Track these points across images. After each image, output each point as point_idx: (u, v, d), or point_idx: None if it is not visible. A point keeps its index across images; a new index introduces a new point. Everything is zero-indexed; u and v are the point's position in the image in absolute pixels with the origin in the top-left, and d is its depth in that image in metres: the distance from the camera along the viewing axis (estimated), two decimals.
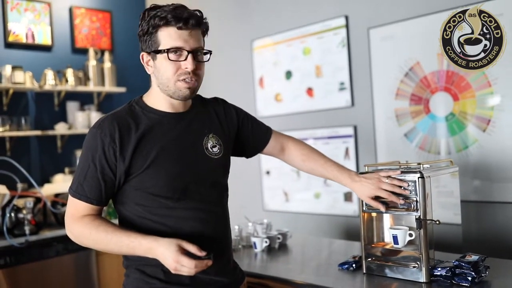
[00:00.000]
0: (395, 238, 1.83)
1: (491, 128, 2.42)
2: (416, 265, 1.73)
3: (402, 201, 1.72)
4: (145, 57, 1.49)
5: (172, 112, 1.53)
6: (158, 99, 1.52)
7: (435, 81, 2.61)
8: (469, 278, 1.65)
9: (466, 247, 2.13)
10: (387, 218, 1.93)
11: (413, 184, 1.74)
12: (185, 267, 1.31)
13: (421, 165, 1.79)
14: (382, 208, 1.72)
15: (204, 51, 1.49)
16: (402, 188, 1.71)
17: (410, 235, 1.82)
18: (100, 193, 1.44)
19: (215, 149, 1.58)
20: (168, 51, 1.42)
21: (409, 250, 1.78)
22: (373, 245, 1.90)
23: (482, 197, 2.46)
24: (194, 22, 1.43)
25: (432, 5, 2.59)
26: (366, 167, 1.94)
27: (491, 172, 2.43)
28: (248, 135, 1.78)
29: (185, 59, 1.43)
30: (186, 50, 1.43)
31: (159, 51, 1.43)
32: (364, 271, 1.88)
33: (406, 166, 1.88)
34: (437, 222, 1.72)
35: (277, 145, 1.86)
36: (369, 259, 1.87)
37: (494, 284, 1.68)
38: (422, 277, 1.72)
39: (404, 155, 2.70)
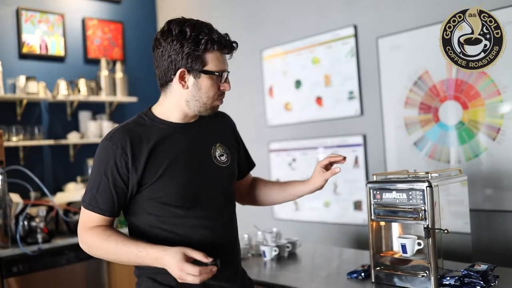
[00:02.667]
0: (403, 247, 1.84)
1: (501, 137, 2.42)
2: (425, 274, 1.73)
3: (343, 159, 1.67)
4: (182, 73, 1.49)
5: (182, 122, 1.56)
6: (171, 111, 1.55)
7: (444, 90, 2.61)
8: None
9: (475, 256, 2.12)
10: (395, 227, 1.94)
11: (421, 193, 1.74)
12: (190, 275, 1.32)
13: (429, 174, 1.80)
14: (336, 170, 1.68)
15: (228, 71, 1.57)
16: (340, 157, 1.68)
17: (419, 244, 1.82)
18: (112, 204, 1.47)
19: (223, 158, 1.61)
20: (220, 74, 1.50)
21: (418, 259, 1.78)
22: (382, 254, 1.90)
23: (492, 206, 2.45)
24: (235, 49, 1.55)
25: (440, 14, 2.59)
26: (375, 176, 1.94)
27: (501, 180, 2.42)
28: (240, 158, 1.79)
29: (225, 81, 1.53)
30: (227, 73, 1.53)
31: (209, 72, 1.48)
32: (373, 280, 1.88)
33: (414, 175, 1.88)
34: (446, 231, 1.72)
35: (250, 178, 1.90)
36: (378, 268, 1.87)
37: None
38: (430, 286, 1.71)
39: (414, 164, 2.70)
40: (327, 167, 1.71)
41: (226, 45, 1.50)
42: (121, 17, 4.32)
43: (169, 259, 1.34)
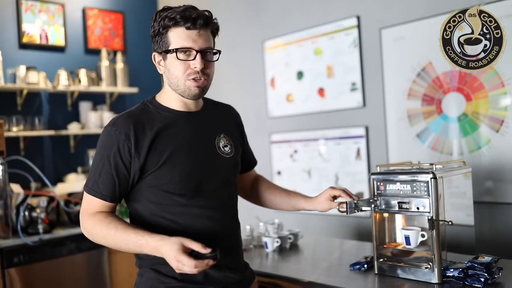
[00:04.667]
0: (407, 239, 1.83)
1: (504, 129, 2.41)
2: (429, 266, 1.72)
3: (356, 197, 1.70)
4: (156, 57, 1.52)
5: (185, 111, 1.55)
6: (171, 98, 1.54)
7: (448, 82, 2.60)
8: (482, 280, 1.64)
9: (479, 248, 2.12)
10: (399, 219, 1.93)
11: (425, 185, 1.73)
12: (186, 266, 1.31)
13: (434, 166, 1.79)
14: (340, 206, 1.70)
15: (214, 51, 1.51)
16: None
17: (423, 235, 1.81)
18: (114, 190, 1.46)
19: (226, 149, 1.60)
20: (177, 50, 1.44)
21: (421, 251, 1.77)
22: (385, 246, 1.89)
23: (495, 198, 2.45)
24: (202, 22, 1.45)
25: (444, 5, 2.57)
26: (378, 168, 1.93)
27: (504, 173, 2.41)
28: (244, 153, 1.78)
29: (194, 59, 1.44)
30: (195, 50, 1.44)
31: (169, 51, 1.46)
32: (376, 272, 1.88)
33: (418, 167, 1.88)
34: (450, 223, 1.71)
35: (253, 174, 1.89)
36: (381, 260, 1.87)
37: (507, 286, 1.67)
38: (434, 278, 1.71)
39: (416, 156, 2.69)
40: (336, 196, 1.72)
41: (184, 19, 1.43)
42: (122, 7, 4.29)
43: (167, 249, 1.33)
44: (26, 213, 2.99)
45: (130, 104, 4.27)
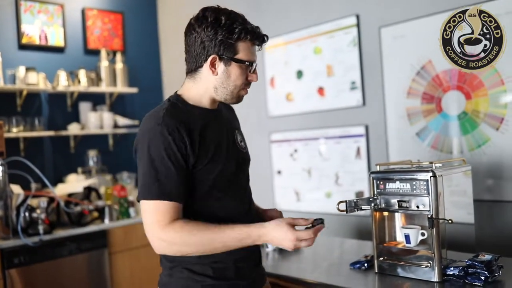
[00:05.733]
0: (407, 238, 1.83)
1: (504, 127, 2.40)
2: (429, 265, 1.72)
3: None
4: (214, 59, 1.50)
5: (213, 109, 1.59)
6: (202, 97, 1.55)
7: (447, 80, 2.59)
8: (482, 278, 1.64)
9: (479, 247, 2.12)
10: (399, 218, 1.93)
11: (425, 183, 1.73)
12: (304, 240, 1.38)
13: (433, 164, 1.78)
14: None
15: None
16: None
17: (423, 234, 1.81)
18: (181, 190, 1.42)
19: (242, 144, 1.67)
20: (250, 63, 1.52)
21: (422, 250, 1.78)
22: (385, 245, 1.90)
23: (496, 196, 2.44)
24: (265, 42, 1.57)
25: (443, 3, 2.57)
26: (378, 166, 1.93)
27: (505, 171, 2.41)
28: None
29: (253, 72, 1.55)
30: (256, 64, 1.55)
31: (240, 61, 1.50)
32: (376, 271, 1.88)
33: (418, 165, 1.87)
34: (450, 222, 1.71)
35: None
36: (381, 259, 1.87)
37: (507, 284, 1.67)
38: (434, 277, 1.71)
39: (416, 154, 2.68)
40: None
41: (258, 37, 1.52)
42: (121, 7, 4.29)
43: (276, 234, 1.38)
44: (27, 213, 2.99)
45: (130, 104, 4.27)
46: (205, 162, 1.47)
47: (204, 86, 1.54)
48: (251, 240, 1.40)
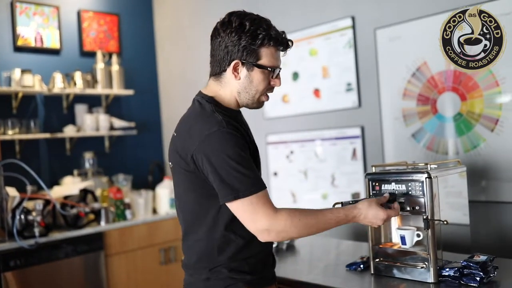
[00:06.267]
0: (402, 239, 1.84)
1: (499, 128, 2.41)
2: (424, 266, 1.73)
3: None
4: (236, 64, 1.53)
5: (239, 110, 1.65)
6: (230, 100, 1.59)
7: (443, 81, 2.60)
8: (478, 279, 1.65)
9: (474, 248, 2.12)
10: (394, 219, 1.93)
11: (420, 184, 1.74)
12: (392, 215, 1.63)
13: (429, 165, 1.79)
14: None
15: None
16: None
17: (418, 235, 1.82)
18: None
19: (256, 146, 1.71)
20: (273, 69, 1.55)
21: (417, 251, 1.78)
22: (381, 246, 1.90)
23: (491, 197, 2.45)
24: (290, 47, 1.60)
25: (439, 5, 2.58)
26: (373, 168, 1.94)
27: (500, 172, 2.42)
28: None
29: (276, 77, 1.58)
30: (279, 69, 1.58)
31: (262, 67, 1.53)
32: (372, 272, 1.88)
33: (413, 167, 1.88)
34: (445, 223, 1.72)
35: None
36: (377, 260, 1.87)
37: (502, 285, 1.67)
38: (430, 278, 1.71)
39: (412, 156, 2.69)
40: None
41: (282, 43, 1.55)
42: (117, 9, 4.29)
43: (370, 213, 1.57)
44: (22, 216, 2.98)
45: (125, 106, 4.27)
46: (253, 158, 1.53)
47: (229, 90, 1.57)
48: (347, 220, 1.54)
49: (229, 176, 1.41)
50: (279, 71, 1.58)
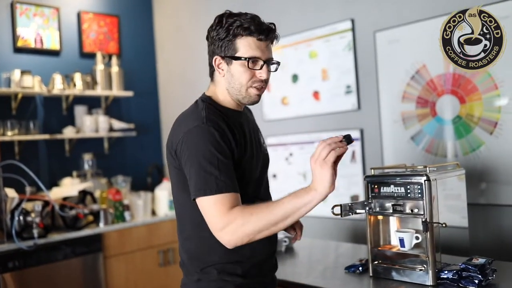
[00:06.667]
0: (401, 241, 1.84)
1: (498, 131, 2.42)
2: (423, 268, 1.73)
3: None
4: (217, 60, 1.54)
5: (240, 111, 1.62)
6: (225, 99, 1.58)
7: (442, 84, 2.61)
8: (476, 281, 1.65)
9: (473, 250, 2.13)
10: (393, 221, 1.94)
11: (419, 187, 1.74)
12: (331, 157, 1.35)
13: (427, 168, 1.79)
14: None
15: (274, 61, 1.58)
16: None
17: (417, 238, 1.82)
18: (235, 181, 1.43)
19: (264, 145, 1.70)
20: (248, 59, 1.49)
21: (416, 253, 1.78)
22: (379, 248, 1.90)
23: (490, 200, 2.45)
24: (273, 35, 1.53)
25: (438, 8, 2.59)
26: (372, 170, 1.94)
27: (499, 174, 2.42)
28: None
29: (260, 68, 1.51)
30: (262, 60, 1.51)
31: (238, 58, 1.50)
32: (371, 274, 1.88)
33: (412, 169, 1.88)
34: (444, 225, 1.72)
35: None
36: (376, 262, 1.87)
37: (501, 287, 1.68)
38: (428, 280, 1.71)
39: (411, 158, 2.70)
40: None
41: (258, 30, 1.49)
42: (117, 10, 4.29)
43: (320, 191, 1.35)
44: (21, 217, 2.98)
45: (125, 107, 4.27)
46: (243, 160, 1.51)
47: (222, 88, 1.57)
48: (305, 192, 1.36)
49: (197, 173, 1.41)
50: (264, 62, 1.51)
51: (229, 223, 1.36)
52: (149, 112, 4.46)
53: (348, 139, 1.38)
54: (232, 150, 1.46)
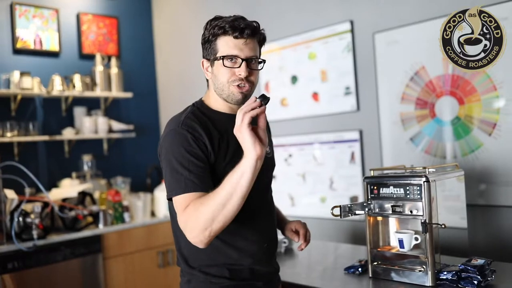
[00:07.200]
0: (401, 242, 1.84)
1: (497, 132, 2.42)
2: (422, 269, 1.73)
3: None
4: (205, 63, 1.58)
5: (233, 114, 1.58)
6: (218, 102, 1.59)
7: (441, 85, 2.62)
8: (475, 282, 1.65)
9: (472, 251, 2.13)
10: (393, 222, 1.94)
11: (418, 188, 1.74)
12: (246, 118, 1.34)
13: (427, 169, 1.80)
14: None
15: (259, 60, 1.56)
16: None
17: (416, 239, 1.82)
18: (206, 180, 1.43)
19: (267, 149, 1.66)
20: (224, 58, 1.50)
21: (415, 254, 1.79)
22: (379, 249, 1.90)
23: (488, 201, 2.46)
24: (249, 32, 1.51)
25: (437, 9, 2.60)
26: (372, 171, 1.95)
27: (497, 176, 2.43)
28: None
29: (239, 66, 1.50)
30: (241, 58, 1.50)
31: (216, 58, 1.52)
32: (370, 275, 1.89)
33: (411, 170, 1.89)
34: (443, 226, 1.72)
35: None
36: (375, 263, 1.88)
37: None
38: (428, 281, 1.72)
39: (410, 159, 2.70)
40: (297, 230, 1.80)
41: (232, 28, 1.49)
42: (116, 12, 4.30)
43: (244, 148, 1.34)
44: (20, 219, 2.98)
45: (124, 109, 4.27)
46: (223, 164, 1.50)
47: (212, 91, 1.59)
48: (241, 169, 1.34)
49: (170, 174, 1.45)
50: (242, 60, 1.49)
51: (187, 220, 1.38)
52: (148, 113, 4.46)
53: (263, 98, 1.36)
54: (207, 154, 1.47)
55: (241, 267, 1.54)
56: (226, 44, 1.50)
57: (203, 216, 1.34)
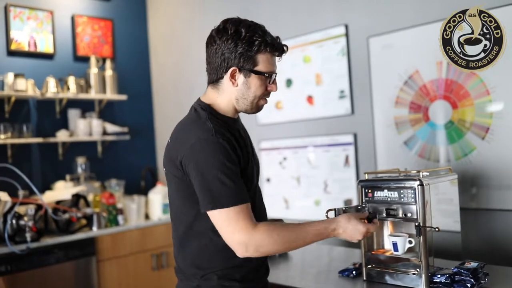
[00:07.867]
0: (395, 245, 1.85)
1: (490, 136, 2.44)
2: (416, 272, 1.74)
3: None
4: (234, 71, 1.55)
5: (235, 118, 1.65)
6: (228, 108, 1.60)
7: (434, 89, 2.63)
8: (469, 285, 1.66)
9: (465, 254, 2.14)
10: (387, 225, 1.95)
11: (412, 191, 1.75)
12: (371, 229, 1.59)
13: (420, 173, 1.81)
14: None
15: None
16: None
17: (410, 242, 1.83)
18: (246, 190, 1.48)
19: (255, 153, 1.71)
20: (269, 75, 1.56)
21: (409, 257, 1.79)
22: (373, 252, 1.91)
23: (481, 204, 2.48)
24: (285, 52, 1.60)
25: (431, 14, 2.61)
26: (366, 175, 1.95)
27: (490, 179, 2.44)
28: None
29: (273, 83, 1.59)
30: (275, 74, 1.59)
31: (259, 72, 1.54)
32: (364, 278, 1.90)
33: (405, 174, 1.90)
34: (437, 229, 1.73)
35: None
36: (369, 266, 1.89)
37: None
38: (421, 284, 1.73)
39: (404, 163, 2.71)
40: None
41: (278, 48, 1.56)
42: (111, 14, 4.29)
43: (347, 226, 1.55)
44: (14, 221, 2.97)
45: (119, 111, 4.26)
46: (247, 168, 1.54)
47: (228, 97, 1.58)
48: (327, 233, 1.52)
49: (211, 185, 1.43)
50: (275, 76, 1.59)
51: (254, 240, 1.42)
52: (143, 116, 4.46)
53: (374, 216, 1.70)
54: (239, 160, 1.50)
55: (247, 268, 1.56)
56: (267, 61, 1.54)
57: (275, 247, 1.45)
